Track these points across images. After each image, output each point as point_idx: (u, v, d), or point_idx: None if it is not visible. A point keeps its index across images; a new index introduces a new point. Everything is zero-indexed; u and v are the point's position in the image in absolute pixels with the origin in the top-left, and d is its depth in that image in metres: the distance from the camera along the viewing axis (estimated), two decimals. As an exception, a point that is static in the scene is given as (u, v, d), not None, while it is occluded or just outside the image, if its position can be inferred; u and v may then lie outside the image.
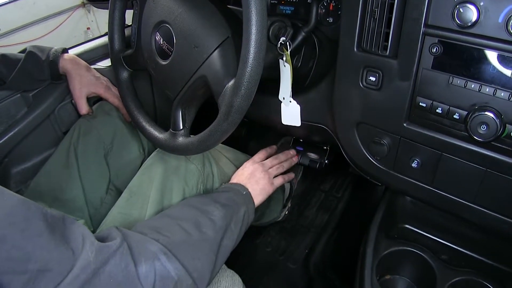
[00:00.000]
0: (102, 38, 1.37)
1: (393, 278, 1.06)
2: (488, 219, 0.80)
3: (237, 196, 0.96)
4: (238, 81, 0.72)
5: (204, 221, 0.83)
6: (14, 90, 1.11)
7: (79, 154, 1.07)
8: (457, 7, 0.65)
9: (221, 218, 0.86)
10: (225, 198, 0.93)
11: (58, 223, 0.59)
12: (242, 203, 0.95)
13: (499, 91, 0.67)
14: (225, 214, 0.87)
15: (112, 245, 0.63)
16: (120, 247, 0.64)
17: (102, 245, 0.62)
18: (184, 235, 0.78)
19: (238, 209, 0.92)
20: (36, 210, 0.57)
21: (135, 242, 0.68)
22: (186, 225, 0.80)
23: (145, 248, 0.68)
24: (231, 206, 0.91)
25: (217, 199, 0.91)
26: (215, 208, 0.87)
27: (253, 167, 1.09)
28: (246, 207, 0.95)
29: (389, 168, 0.90)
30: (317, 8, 0.98)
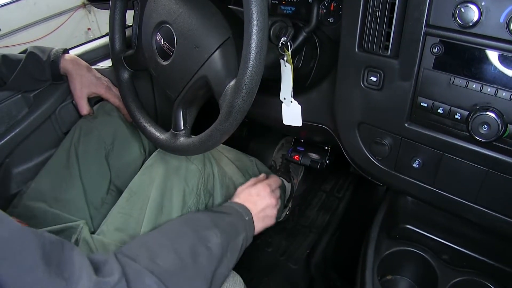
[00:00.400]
0: (103, 38, 1.37)
1: (395, 278, 1.06)
2: (490, 219, 0.80)
3: (239, 221, 0.93)
4: (239, 81, 0.71)
5: (201, 250, 0.81)
6: (15, 91, 1.11)
7: (80, 154, 1.07)
8: (458, 7, 0.65)
9: (218, 246, 0.84)
10: (226, 223, 0.90)
11: (56, 251, 0.57)
12: (242, 229, 0.92)
13: (500, 91, 0.67)
14: (222, 242, 0.85)
15: (110, 282, 0.61)
16: (118, 283, 0.62)
17: (100, 281, 0.60)
18: (179, 264, 0.77)
19: (236, 236, 0.90)
20: (33, 239, 0.55)
21: (133, 276, 0.67)
22: (182, 253, 0.79)
23: (142, 281, 0.68)
24: (230, 233, 0.89)
25: (217, 223, 0.88)
26: (213, 234, 0.85)
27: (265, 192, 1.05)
28: (246, 234, 0.93)
29: (390, 168, 0.90)
30: (318, 8, 0.98)
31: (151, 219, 0.92)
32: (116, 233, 0.93)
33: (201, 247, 0.82)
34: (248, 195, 1.02)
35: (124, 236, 0.92)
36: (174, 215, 0.94)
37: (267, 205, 1.03)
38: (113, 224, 0.95)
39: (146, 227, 0.91)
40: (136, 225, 0.93)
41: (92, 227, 1.03)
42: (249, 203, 0.99)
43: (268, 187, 1.06)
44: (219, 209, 0.97)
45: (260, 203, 1.01)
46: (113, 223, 0.95)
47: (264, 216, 1.01)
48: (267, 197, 1.03)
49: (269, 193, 1.05)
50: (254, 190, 1.04)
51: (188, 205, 0.97)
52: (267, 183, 1.07)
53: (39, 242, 0.55)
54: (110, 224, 0.95)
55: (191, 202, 0.97)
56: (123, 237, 0.92)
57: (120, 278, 0.63)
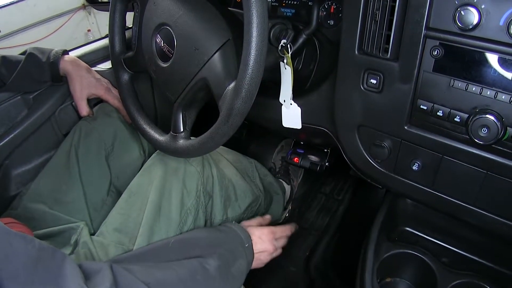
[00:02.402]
0: (103, 40, 1.37)
1: (394, 281, 1.06)
2: (489, 221, 0.80)
3: (238, 246, 0.95)
4: (239, 84, 0.71)
5: (198, 268, 0.82)
6: (14, 92, 1.11)
7: (80, 156, 1.07)
8: (458, 10, 0.65)
9: (216, 269, 0.84)
10: (225, 248, 0.91)
11: (45, 258, 0.56)
12: (242, 255, 0.94)
13: (500, 94, 0.67)
14: (220, 266, 0.86)
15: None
16: None
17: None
18: (175, 279, 0.77)
19: (235, 261, 0.91)
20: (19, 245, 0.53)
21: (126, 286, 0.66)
22: (180, 268, 0.80)
23: None
24: (228, 257, 0.90)
25: (216, 245, 0.90)
26: (211, 256, 0.86)
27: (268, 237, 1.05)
28: (246, 260, 0.94)
29: (390, 170, 0.90)
30: (318, 11, 0.98)
31: (149, 220, 0.92)
32: (115, 233, 0.93)
33: (199, 266, 0.83)
34: (253, 234, 1.03)
35: (122, 237, 0.92)
36: (173, 216, 0.94)
37: (264, 250, 1.04)
38: (112, 224, 0.95)
39: (144, 227, 0.91)
40: (134, 225, 0.93)
41: (91, 229, 1.02)
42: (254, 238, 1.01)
43: (272, 234, 1.07)
44: (220, 228, 0.98)
45: (259, 246, 1.02)
46: (112, 224, 0.95)
47: (257, 258, 1.02)
48: (267, 243, 1.04)
49: (271, 239, 1.05)
50: (257, 232, 1.04)
51: (187, 207, 0.97)
52: (273, 230, 1.08)
53: (26, 248, 0.54)
54: (109, 224, 0.95)
55: (190, 204, 0.97)
56: (122, 238, 0.92)
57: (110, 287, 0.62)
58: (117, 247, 0.90)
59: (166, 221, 0.94)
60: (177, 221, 0.95)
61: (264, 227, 1.08)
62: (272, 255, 1.07)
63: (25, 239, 0.55)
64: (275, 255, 1.09)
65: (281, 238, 1.12)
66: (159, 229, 0.92)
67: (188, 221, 0.97)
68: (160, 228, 0.93)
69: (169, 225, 0.94)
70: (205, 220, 1.03)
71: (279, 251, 1.10)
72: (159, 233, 0.92)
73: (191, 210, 0.98)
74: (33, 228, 0.93)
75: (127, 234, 0.92)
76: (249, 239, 0.98)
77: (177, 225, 0.95)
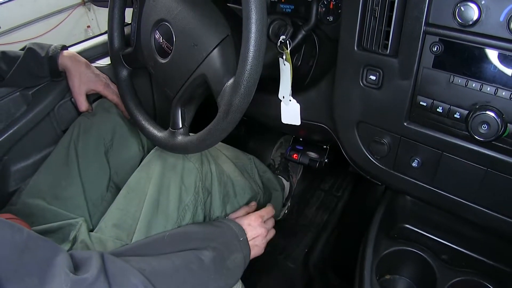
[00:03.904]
0: (102, 36, 1.37)
1: (393, 278, 1.06)
2: (489, 218, 0.80)
3: (233, 240, 0.95)
4: (238, 80, 0.71)
5: (194, 258, 0.83)
6: (13, 88, 1.11)
7: (79, 151, 1.07)
8: (458, 6, 0.65)
9: (211, 260, 0.85)
10: (220, 241, 0.92)
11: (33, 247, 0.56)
12: (237, 249, 0.94)
13: (500, 90, 0.66)
14: (215, 257, 0.86)
15: (88, 277, 0.60)
16: (97, 281, 0.61)
17: (77, 279, 0.58)
18: (171, 268, 0.77)
19: (230, 254, 0.91)
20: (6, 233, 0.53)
21: (116, 273, 0.66)
22: (175, 258, 0.80)
23: (127, 280, 0.67)
24: (223, 250, 0.90)
25: (211, 239, 0.91)
26: (206, 248, 0.87)
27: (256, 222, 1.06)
28: (242, 254, 0.94)
29: (389, 167, 0.90)
30: (317, 7, 0.97)
31: (147, 216, 0.92)
32: (113, 229, 0.93)
33: (194, 256, 0.83)
34: (243, 224, 1.03)
35: (120, 232, 0.92)
36: (170, 213, 0.94)
37: (257, 235, 1.04)
38: (111, 220, 0.95)
39: (142, 223, 0.91)
40: (132, 221, 0.93)
41: (91, 225, 1.02)
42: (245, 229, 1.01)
43: (259, 218, 1.07)
44: (215, 223, 0.99)
45: (251, 233, 1.02)
46: (111, 220, 0.95)
47: (253, 245, 1.02)
48: (258, 228, 1.04)
49: (260, 223, 1.06)
50: (246, 220, 1.05)
51: (185, 203, 0.97)
52: (259, 214, 1.08)
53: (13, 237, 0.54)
54: (108, 220, 0.95)
55: (188, 200, 0.97)
56: (120, 233, 0.92)
57: (98, 273, 0.62)
58: (115, 243, 0.90)
59: (163, 217, 0.94)
60: (174, 217, 0.95)
61: (251, 213, 1.09)
62: (266, 238, 1.07)
63: (12, 228, 0.55)
64: (269, 238, 1.09)
65: (268, 220, 1.12)
66: (157, 224, 0.92)
67: (187, 217, 0.97)
68: (157, 223, 0.93)
69: (166, 221, 0.94)
70: (204, 216, 1.03)
71: (271, 232, 1.11)
72: (157, 229, 0.92)
73: (189, 207, 0.97)
74: (32, 223, 0.93)
75: (125, 229, 0.92)
76: (243, 233, 0.99)
77: (175, 221, 0.95)
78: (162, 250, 0.84)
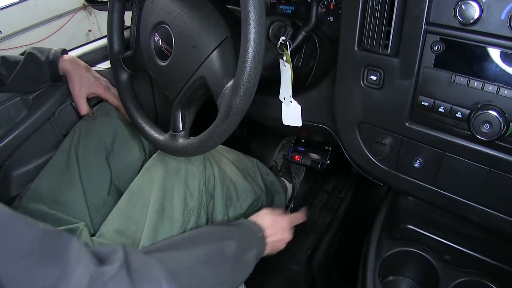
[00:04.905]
0: (102, 40, 1.37)
1: (396, 279, 1.05)
2: (492, 219, 0.80)
3: (252, 236, 0.96)
4: (237, 82, 0.71)
5: (216, 252, 0.83)
6: (14, 93, 1.11)
7: (80, 155, 1.07)
8: (459, 4, 0.65)
9: (233, 254, 0.85)
10: (240, 236, 0.92)
11: (51, 240, 0.55)
12: (254, 244, 0.95)
13: (502, 89, 0.66)
14: (237, 251, 0.87)
15: (110, 271, 0.59)
16: (118, 274, 0.60)
17: (98, 272, 0.58)
18: (193, 262, 0.77)
19: (249, 250, 0.92)
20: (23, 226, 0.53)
21: (138, 267, 0.64)
22: (199, 252, 0.80)
23: (148, 275, 0.65)
24: (244, 245, 0.91)
25: (233, 235, 0.91)
26: (229, 242, 0.87)
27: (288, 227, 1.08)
28: (257, 250, 0.95)
29: (391, 168, 0.90)
30: (317, 7, 0.97)
31: (152, 221, 0.91)
32: (116, 235, 0.93)
33: (217, 249, 0.84)
34: (273, 223, 1.04)
35: (124, 239, 0.92)
36: (175, 217, 0.94)
37: (283, 239, 1.07)
38: (113, 226, 0.94)
39: (148, 229, 0.90)
40: (136, 227, 0.92)
41: (92, 229, 1.02)
42: (270, 230, 1.02)
43: (291, 224, 1.10)
44: (233, 223, 1.00)
45: (280, 235, 1.05)
46: (112, 225, 0.95)
47: (274, 247, 1.05)
48: (286, 233, 1.07)
49: (289, 230, 1.09)
50: (281, 221, 1.06)
51: (189, 207, 0.96)
52: (292, 219, 1.10)
53: (31, 229, 0.53)
54: (110, 226, 0.95)
55: (193, 204, 0.97)
56: (123, 239, 0.91)
57: (120, 267, 0.61)
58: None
59: (169, 222, 0.93)
60: (180, 221, 0.94)
61: (286, 216, 1.10)
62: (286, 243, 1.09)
63: (28, 221, 0.54)
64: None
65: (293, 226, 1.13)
66: (163, 230, 0.92)
67: (191, 221, 0.97)
68: (163, 229, 0.92)
69: (172, 226, 0.93)
70: (207, 219, 1.02)
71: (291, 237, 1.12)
72: (163, 234, 0.92)
73: (193, 211, 0.97)
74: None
75: (129, 236, 0.92)
76: (260, 229, 0.99)
77: (180, 226, 0.94)
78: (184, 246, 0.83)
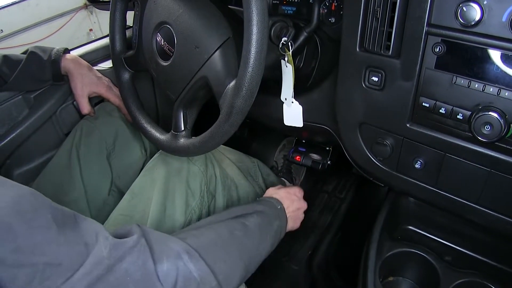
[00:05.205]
0: (104, 39, 1.37)
1: (397, 280, 1.05)
2: (492, 220, 0.80)
3: (271, 208, 0.96)
4: (239, 82, 0.71)
5: (237, 225, 0.82)
6: (15, 92, 1.11)
7: (81, 155, 1.07)
8: (460, 6, 0.65)
9: (255, 225, 0.85)
10: (260, 208, 0.92)
11: (68, 219, 0.57)
12: (276, 216, 0.94)
13: (503, 90, 0.66)
14: (259, 223, 0.86)
15: (129, 241, 0.60)
16: (137, 244, 0.61)
17: (117, 241, 0.59)
18: (214, 236, 0.76)
19: (271, 221, 0.92)
20: (45, 202, 0.55)
21: (156, 240, 0.65)
22: (218, 227, 0.79)
23: (167, 246, 0.66)
24: (265, 216, 0.90)
25: (252, 208, 0.90)
26: (250, 215, 0.87)
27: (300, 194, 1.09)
28: (280, 222, 0.94)
29: (392, 169, 0.90)
30: (319, 8, 0.97)
31: (154, 221, 0.91)
32: (117, 235, 0.93)
33: (238, 224, 0.83)
34: (287, 193, 1.04)
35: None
36: (177, 217, 0.94)
37: (301, 207, 1.07)
38: (114, 226, 0.94)
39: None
40: (137, 227, 0.92)
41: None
42: (287, 200, 1.02)
43: (302, 192, 1.10)
44: (250, 202, 1.00)
45: (297, 204, 1.05)
46: (114, 225, 0.95)
47: (296, 217, 1.05)
48: (302, 200, 1.08)
49: (302, 197, 1.09)
50: (292, 190, 1.07)
51: (191, 207, 0.96)
52: (300, 189, 1.11)
53: (51, 206, 0.55)
54: (111, 226, 0.95)
55: (194, 204, 0.97)
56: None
57: (138, 238, 0.62)
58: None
59: (171, 222, 0.93)
60: (181, 221, 0.94)
61: (294, 186, 1.11)
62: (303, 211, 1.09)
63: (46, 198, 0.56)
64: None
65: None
66: (164, 230, 0.92)
67: (193, 221, 0.97)
68: (165, 229, 0.92)
69: (173, 226, 0.93)
70: (207, 219, 1.02)
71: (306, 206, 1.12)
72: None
73: (195, 211, 0.97)
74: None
75: None
76: (278, 202, 0.99)
77: (182, 226, 0.95)
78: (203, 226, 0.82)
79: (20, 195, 0.53)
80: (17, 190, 0.53)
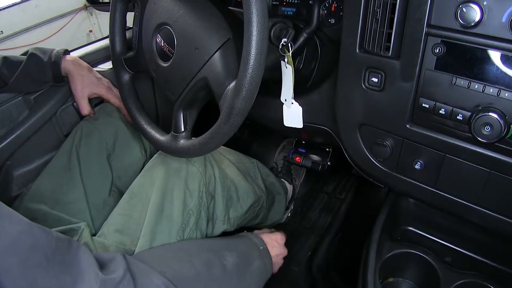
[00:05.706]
0: (104, 40, 1.37)
1: (396, 281, 1.05)
2: (492, 220, 0.80)
3: (253, 249, 0.98)
4: (239, 83, 0.71)
5: (216, 263, 0.84)
6: (15, 93, 1.11)
7: (81, 156, 1.07)
8: (460, 7, 0.65)
9: (234, 266, 0.87)
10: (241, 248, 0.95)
11: (62, 248, 0.59)
12: (257, 257, 0.97)
13: (503, 91, 0.66)
14: (238, 264, 0.88)
15: (116, 277, 0.63)
16: (123, 280, 0.64)
17: (106, 278, 0.62)
18: (193, 272, 0.79)
19: (252, 262, 0.94)
20: (41, 235, 0.57)
21: (140, 273, 0.68)
22: (196, 263, 0.81)
23: (149, 279, 0.69)
24: (246, 258, 0.93)
25: (233, 247, 0.93)
26: (229, 254, 0.89)
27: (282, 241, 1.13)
28: (261, 261, 0.97)
29: (392, 169, 0.90)
30: (319, 9, 0.97)
31: (151, 221, 0.91)
32: (117, 234, 0.93)
33: (216, 262, 0.85)
34: (269, 238, 1.09)
35: (124, 238, 0.92)
36: (175, 218, 0.94)
37: (281, 253, 1.11)
38: (114, 225, 0.95)
39: (146, 229, 0.91)
40: (136, 226, 0.92)
41: (93, 229, 1.02)
42: (269, 244, 1.06)
43: (284, 238, 1.14)
44: (233, 236, 1.03)
45: (277, 250, 1.09)
46: (113, 225, 0.95)
47: (275, 262, 1.09)
48: (282, 247, 1.12)
49: (283, 244, 1.13)
50: (274, 236, 1.11)
51: (189, 208, 0.96)
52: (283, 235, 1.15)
53: (47, 238, 0.57)
54: (111, 225, 0.95)
55: (192, 205, 0.97)
56: (123, 239, 0.92)
57: (124, 273, 0.65)
58: (119, 248, 0.90)
59: (168, 223, 0.93)
60: (179, 222, 0.94)
61: (276, 232, 1.15)
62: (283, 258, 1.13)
63: (44, 230, 0.58)
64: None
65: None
66: (161, 230, 0.92)
67: (191, 222, 0.97)
68: (162, 229, 0.92)
69: (171, 226, 0.93)
70: (207, 220, 1.03)
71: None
72: (161, 234, 0.92)
73: (193, 211, 0.97)
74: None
75: (129, 235, 0.92)
76: (262, 242, 1.02)
77: (180, 226, 0.95)
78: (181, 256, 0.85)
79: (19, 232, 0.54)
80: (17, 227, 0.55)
